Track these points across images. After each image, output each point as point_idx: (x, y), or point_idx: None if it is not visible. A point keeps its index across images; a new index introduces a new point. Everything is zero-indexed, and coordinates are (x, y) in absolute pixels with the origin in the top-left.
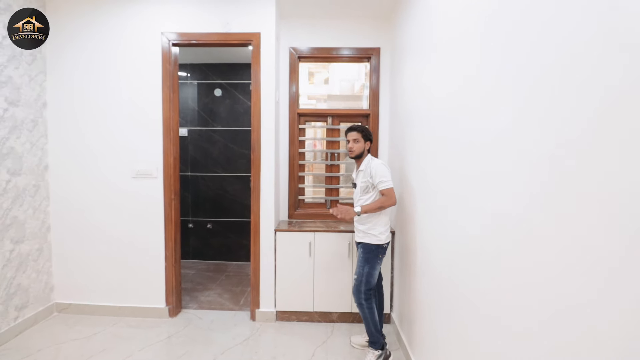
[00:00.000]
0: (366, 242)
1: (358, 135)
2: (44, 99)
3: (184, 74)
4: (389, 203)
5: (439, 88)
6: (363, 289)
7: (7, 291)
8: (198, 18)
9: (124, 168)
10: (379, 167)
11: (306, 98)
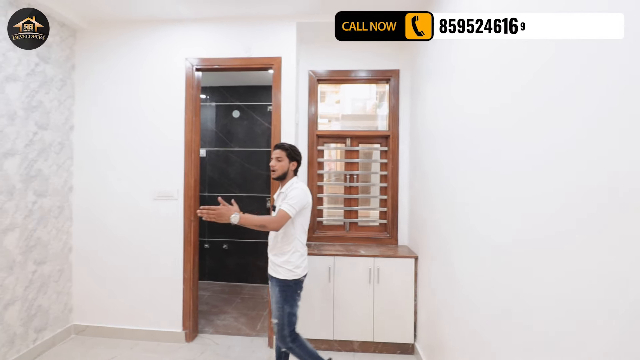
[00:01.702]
0: (282, 278)
1: (282, 153)
2: (72, 122)
3: (204, 96)
4: (273, 226)
5: (474, 107)
6: (287, 332)
7: (28, 313)
8: (220, 44)
9: (146, 190)
10: (297, 191)
11: (319, 118)
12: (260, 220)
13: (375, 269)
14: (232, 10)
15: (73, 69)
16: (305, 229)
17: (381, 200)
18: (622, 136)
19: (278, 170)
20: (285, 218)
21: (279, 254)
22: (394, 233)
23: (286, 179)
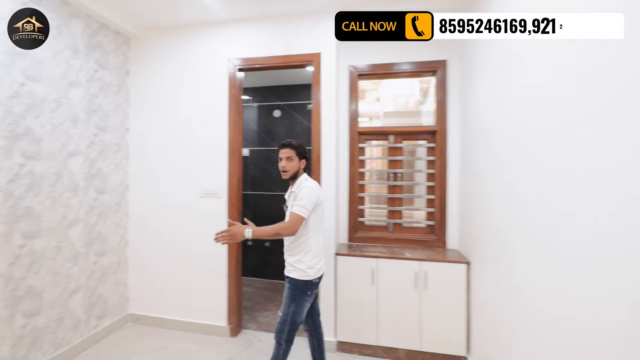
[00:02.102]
0: (293, 277)
1: (292, 152)
2: (127, 124)
3: (248, 97)
4: (288, 232)
5: (542, 99)
6: (286, 329)
7: (90, 300)
8: (261, 43)
9: (193, 188)
10: (307, 190)
11: (360, 116)
12: (274, 229)
13: (423, 273)
14: (271, 9)
15: (127, 74)
16: (320, 228)
17: (428, 200)
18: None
19: (290, 170)
20: (299, 221)
21: (292, 254)
22: (442, 236)
23: (297, 178)
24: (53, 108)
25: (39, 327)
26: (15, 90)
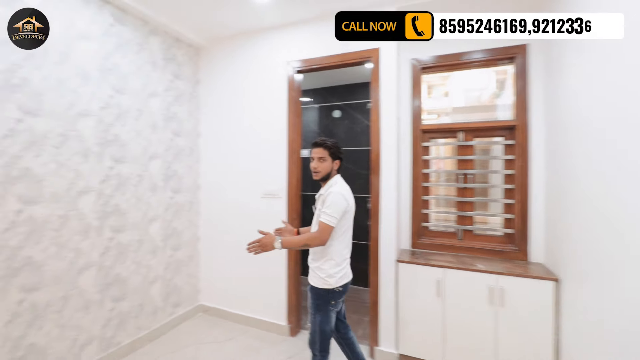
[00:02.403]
0: (313, 285)
1: (325, 152)
2: (199, 129)
3: (309, 98)
4: (317, 242)
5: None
6: (318, 340)
7: (167, 290)
8: (318, 43)
9: (255, 189)
10: (334, 196)
11: (426, 113)
12: (303, 240)
13: (498, 288)
14: (327, 7)
15: (198, 83)
16: (345, 236)
17: (505, 205)
18: None
19: (321, 171)
20: (328, 230)
21: (313, 260)
22: (524, 246)
23: (328, 179)
24: (136, 116)
25: (124, 311)
26: (105, 102)
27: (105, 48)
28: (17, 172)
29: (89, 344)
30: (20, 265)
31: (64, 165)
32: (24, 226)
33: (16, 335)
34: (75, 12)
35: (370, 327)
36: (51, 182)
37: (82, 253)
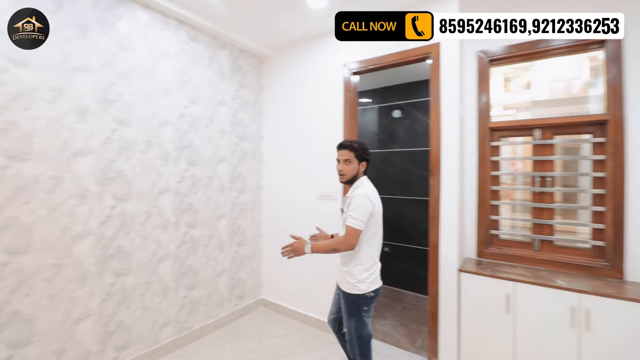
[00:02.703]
0: (344, 291)
1: (351, 154)
2: (261, 134)
3: (367, 99)
4: (344, 247)
5: None
6: (356, 346)
7: (232, 283)
8: (374, 43)
9: (312, 190)
10: (359, 198)
11: (501, 109)
12: (331, 245)
13: (583, 309)
14: (381, 8)
15: (261, 90)
16: (374, 240)
17: (594, 213)
18: None
19: (347, 174)
20: (355, 234)
21: (343, 264)
22: (618, 263)
23: (354, 182)
24: (207, 124)
25: (195, 299)
26: (181, 111)
27: (181, 64)
28: (112, 174)
29: (166, 325)
30: (113, 252)
31: (148, 168)
32: (116, 220)
33: (109, 313)
34: (157, 35)
35: (428, 338)
36: (138, 182)
37: (162, 245)
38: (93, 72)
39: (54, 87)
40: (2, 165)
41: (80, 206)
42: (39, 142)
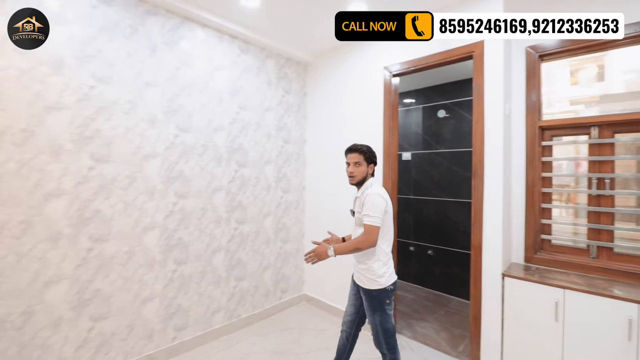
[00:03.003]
0: (366, 288)
1: (360, 157)
2: (305, 137)
3: (411, 100)
4: (367, 244)
5: None
6: (382, 339)
7: (276, 277)
8: (414, 44)
9: (351, 191)
10: (372, 197)
11: (568, 103)
12: (354, 244)
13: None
14: (422, 9)
15: (305, 96)
16: (388, 235)
17: None
18: None
19: (357, 176)
20: (375, 231)
21: (360, 262)
22: None
23: (364, 183)
24: (255, 128)
25: (244, 289)
26: (233, 117)
27: (233, 75)
28: (174, 174)
29: (218, 312)
30: (175, 243)
31: (204, 169)
32: (178, 214)
33: (170, 296)
34: (213, 50)
35: (470, 343)
36: (196, 181)
37: (215, 238)
38: (160, 86)
39: (129, 100)
40: (89, 166)
41: (149, 202)
42: (117, 147)
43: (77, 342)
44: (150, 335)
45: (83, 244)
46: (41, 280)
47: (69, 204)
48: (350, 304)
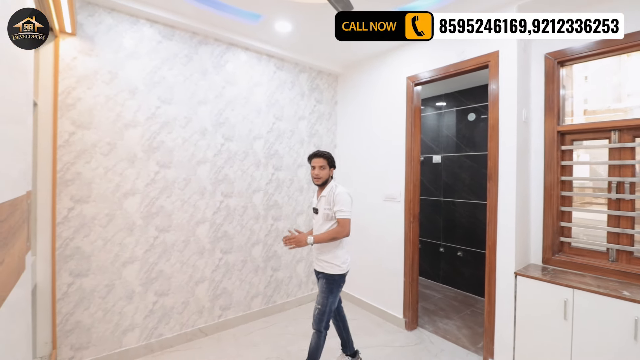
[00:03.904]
0: (329, 273)
1: (324, 162)
2: (335, 142)
3: (442, 103)
4: (343, 234)
5: None
6: (325, 318)
7: (309, 269)
8: (434, 55)
9: (378, 192)
10: (343, 195)
11: (587, 107)
12: (331, 235)
13: None
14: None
15: (336, 104)
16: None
17: None
18: None
19: (322, 177)
20: (348, 222)
21: (327, 252)
22: None
23: (327, 184)
24: (289, 136)
25: (279, 279)
26: (270, 127)
27: (270, 89)
28: (221, 177)
29: (256, 296)
30: (221, 235)
31: (245, 172)
32: (223, 211)
33: (217, 280)
34: (253, 69)
35: (485, 337)
36: (238, 183)
37: (254, 232)
38: (210, 103)
39: (185, 116)
40: (155, 171)
41: (201, 200)
42: (177, 155)
43: (145, 312)
44: (200, 311)
45: (151, 233)
46: (120, 261)
47: (141, 200)
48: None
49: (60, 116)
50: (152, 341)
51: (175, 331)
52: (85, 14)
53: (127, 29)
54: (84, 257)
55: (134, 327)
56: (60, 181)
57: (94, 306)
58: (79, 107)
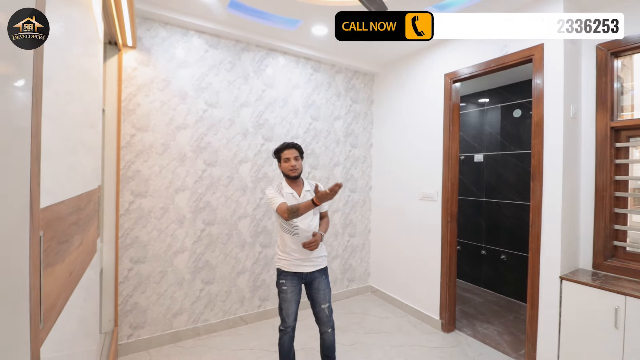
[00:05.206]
0: (325, 267)
1: (297, 152)
2: (371, 141)
3: (485, 99)
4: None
5: None
6: (332, 311)
7: (344, 267)
8: (473, 51)
9: (414, 191)
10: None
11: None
12: (327, 227)
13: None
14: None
15: (372, 104)
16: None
17: None
18: None
19: (299, 168)
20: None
21: (320, 246)
22: None
23: (300, 176)
24: (325, 135)
25: None
26: (306, 127)
27: (307, 91)
28: (261, 175)
29: None
30: (260, 230)
31: None
32: (263, 207)
33: (257, 272)
34: (291, 72)
35: (527, 342)
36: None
37: None
38: (251, 105)
39: (229, 119)
40: (202, 169)
41: (242, 196)
42: (221, 154)
43: (192, 298)
44: (241, 301)
45: (198, 225)
46: (172, 250)
47: (190, 196)
48: (296, 303)
49: (123, 120)
50: (198, 325)
51: (219, 317)
52: (144, 29)
53: (179, 40)
54: (141, 246)
55: (182, 311)
56: (123, 178)
57: (150, 290)
58: (138, 112)
